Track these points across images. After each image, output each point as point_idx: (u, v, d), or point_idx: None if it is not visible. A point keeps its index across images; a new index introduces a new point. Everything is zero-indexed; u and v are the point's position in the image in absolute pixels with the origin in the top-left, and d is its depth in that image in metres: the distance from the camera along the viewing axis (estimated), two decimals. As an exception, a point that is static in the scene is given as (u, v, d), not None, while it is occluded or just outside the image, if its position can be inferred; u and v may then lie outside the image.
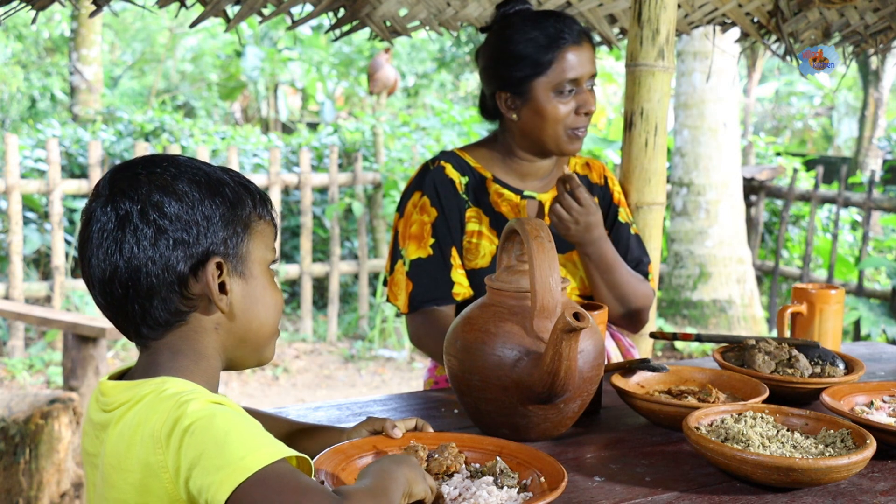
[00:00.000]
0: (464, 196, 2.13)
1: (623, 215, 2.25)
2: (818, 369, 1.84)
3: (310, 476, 1.11)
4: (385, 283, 2.17)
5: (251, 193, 1.22)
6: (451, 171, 2.13)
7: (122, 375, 1.23)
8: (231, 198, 1.19)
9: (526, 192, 2.16)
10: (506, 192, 2.15)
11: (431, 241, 2.09)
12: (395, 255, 2.13)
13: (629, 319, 2.18)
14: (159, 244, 1.14)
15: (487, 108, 2.17)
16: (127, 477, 1.10)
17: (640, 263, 2.22)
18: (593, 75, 2.08)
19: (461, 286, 2.08)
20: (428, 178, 2.13)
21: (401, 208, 2.16)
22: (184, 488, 1.04)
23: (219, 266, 1.17)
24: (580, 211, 2.01)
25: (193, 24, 2.48)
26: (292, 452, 1.05)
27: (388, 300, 2.16)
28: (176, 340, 1.18)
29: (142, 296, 1.15)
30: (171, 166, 1.18)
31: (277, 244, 1.29)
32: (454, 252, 2.10)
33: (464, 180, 2.14)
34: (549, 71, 2.03)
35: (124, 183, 1.17)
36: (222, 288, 1.18)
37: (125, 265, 1.14)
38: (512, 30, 2.08)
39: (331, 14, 2.64)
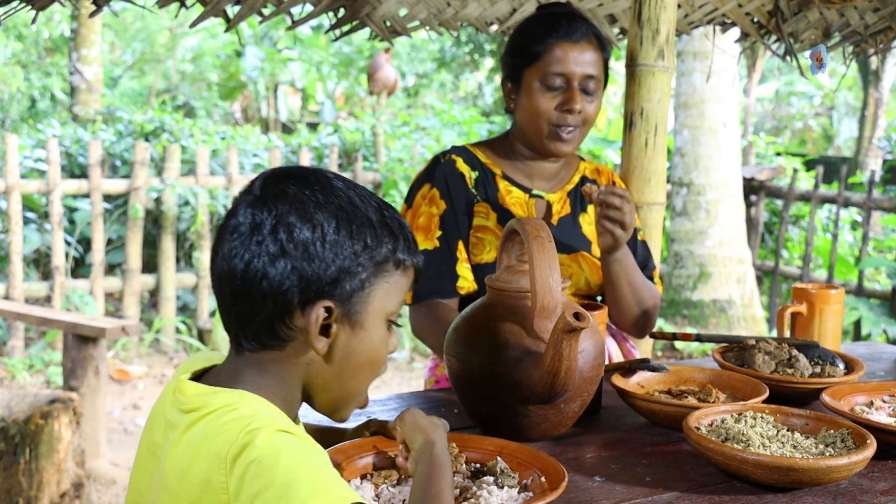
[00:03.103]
0: (473, 190, 2.13)
1: None
2: (818, 369, 1.84)
3: None
4: None
5: (396, 239, 1.17)
6: (461, 164, 2.14)
7: (205, 371, 1.22)
8: (369, 242, 1.14)
9: (534, 192, 2.17)
10: (514, 189, 2.15)
11: (439, 233, 2.09)
12: None
13: (643, 321, 2.15)
14: (277, 264, 1.11)
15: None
16: (187, 488, 1.08)
17: (645, 268, 2.22)
18: (589, 77, 2.06)
19: (466, 280, 2.08)
20: (438, 171, 2.13)
21: (409, 199, 2.16)
22: None
23: (328, 310, 1.13)
24: (628, 196, 1.98)
25: (193, 24, 2.48)
26: (357, 497, 1.02)
27: None
28: (267, 360, 1.16)
29: (247, 307, 1.13)
30: (322, 191, 1.14)
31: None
32: (461, 246, 2.10)
33: (474, 175, 2.14)
34: (538, 61, 2.05)
35: (271, 190, 1.14)
36: (327, 330, 1.15)
37: (242, 271, 1.12)
38: (524, 23, 2.12)
39: (331, 14, 2.64)
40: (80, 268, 6.97)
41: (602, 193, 1.97)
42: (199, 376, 1.21)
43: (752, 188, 7.93)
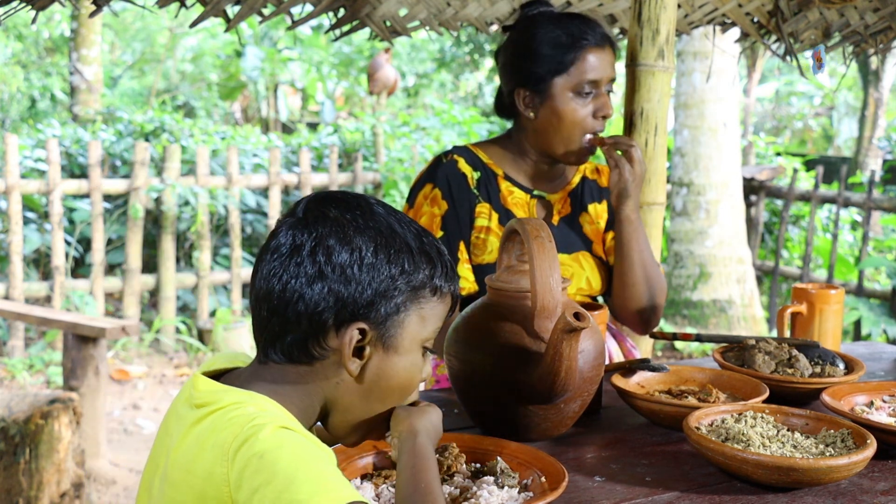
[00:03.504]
0: (475, 191, 2.12)
1: None
2: (818, 369, 1.84)
3: None
4: None
5: (433, 266, 1.20)
6: (463, 165, 2.13)
7: (227, 371, 1.23)
8: (406, 267, 1.17)
9: (536, 192, 2.17)
10: (516, 190, 2.15)
11: (440, 234, 2.09)
12: None
13: (650, 311, 2.14)
14: (315, 286, 1.14)
15: (504, 105, 2.17)
16: (190, 480, 1.09)
17: None
18: (612, 80, 2.08)
19: (466, 281, 2.08)
20: (440, 171, 2.13)
21: (411, 199, 2.16)
22: None
23: (362, 332, 1.16)
24: (637, 145, 2.09)
25: (193, 24, 2.48)
26: (358, 497, 1.02)
27: None
28: (293, 373, 1.18)
29: (282, 325, 1.16)
30: (363, 216, 1.17)
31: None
32: (462, 246, 2.10)
33: (476, 175, 2.14)
34: (569, 70, 2.04)
35: (312, 214, 1.17)
36: (360, 352, 1.17)
37: (280, 291, 1.15)
38: (536, 28, 2.09)
39: (331, 14, 2.64)
40: (80, 268, 6.97)
41: (611, 137, 2.10)
42: (219, 375, 1.22)
43: (752, 188, 7.93)
